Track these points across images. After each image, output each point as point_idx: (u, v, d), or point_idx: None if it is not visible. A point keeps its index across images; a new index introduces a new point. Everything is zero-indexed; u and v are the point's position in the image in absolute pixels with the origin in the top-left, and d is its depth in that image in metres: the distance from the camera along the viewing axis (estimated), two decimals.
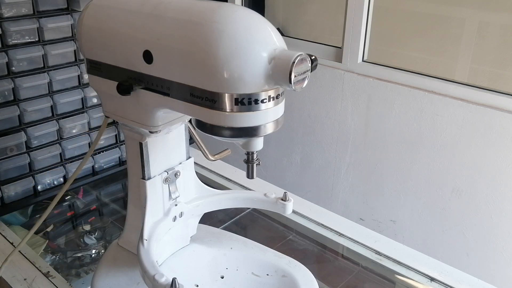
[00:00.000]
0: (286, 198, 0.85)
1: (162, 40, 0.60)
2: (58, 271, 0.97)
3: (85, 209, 1.27)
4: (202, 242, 0.88)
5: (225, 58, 0.55)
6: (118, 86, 0.62)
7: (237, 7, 0.60)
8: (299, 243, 1.13)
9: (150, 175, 0.75)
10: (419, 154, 1.76)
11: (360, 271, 1.04)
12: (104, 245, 1.12)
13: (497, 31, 1.69)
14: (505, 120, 1.53)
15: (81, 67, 1.18)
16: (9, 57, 1.06)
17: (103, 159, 1.29)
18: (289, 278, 0.84)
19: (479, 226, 1.68)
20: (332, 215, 1.15)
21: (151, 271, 0.64)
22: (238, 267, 0.86)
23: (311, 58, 0.58)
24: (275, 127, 0.62)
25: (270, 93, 0.58)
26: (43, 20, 1.09)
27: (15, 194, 1.14)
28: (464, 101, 1.61)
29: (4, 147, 1.10)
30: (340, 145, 1.98)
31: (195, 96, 0.59)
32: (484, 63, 1.74)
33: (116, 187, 1.36)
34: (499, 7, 1.66)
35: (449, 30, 1.79)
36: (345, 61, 1.90)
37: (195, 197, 0.85)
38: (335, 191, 2.07)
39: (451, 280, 0.95)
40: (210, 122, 0.60)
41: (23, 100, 1.10)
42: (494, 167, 1.59)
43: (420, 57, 1.90)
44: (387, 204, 1.91)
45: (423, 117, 1.71)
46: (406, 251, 1.03)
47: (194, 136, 0.81)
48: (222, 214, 1.18)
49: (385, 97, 1.79)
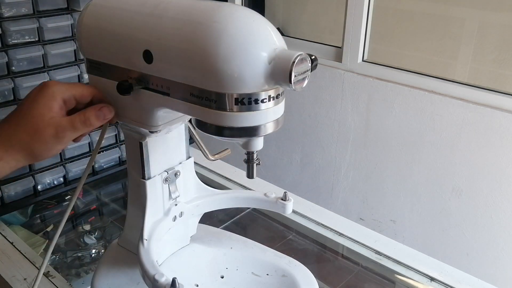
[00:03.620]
0: (286, 198, 0.85)
1: (162, 40, 0.60)
2: (58, 271, 0.97)
3: (85, 209, 1.27)
4: (202, 242, 0.88)
5: (225, 57, 0.55)
6: (118, 86, 0.62)
7: (237, 7, 0.60)
8: (299, 243, 1.13)
9: (150, 175, 0.74)
10: (419, 154, 1.76)
11: (360, 271, 1.04)
12: (104, 245, 1.12)
13: (497, 31, 1.69)
14: (505, 120, 1.53)
15: (81, 67, 1.18)
16: (9, 57, 1.06)
17: (103, 159, 1.29)
18: (289, 278, 0.84)
19: (479, 226, 1.68)
20: (332, 215, 1.15)
21: (151, 271, 0.64)
22: (238, 267, 0.86)
23: (311, 58, 0.58)
24: (275, 127, 0.62)
25: (270, 93, 0.58)
26: (43, 20, 1.09)
27: (15, 194, 1.14)
28: (464, 101, 1.61)
29: None
30: (340, 145, 1.99)
31: (195, 96, 0.59)
32: (484, 63, 1.75)
33: (116, 187, 1.36)
34: (499, 7, 1.66)
35: (449, 30, 1.79)
36: (345, 61, 1.90)
37: (195, 197, 0.85)
38: (335, 191, 2.07)
39: (451, 280, 0.95)
40: (210, 122, 0.60)
41: None
42: (494, 167, 1.59)
43: (420, 57, 1.90)
44: (387, 204, 1.91)
45: (423, 117, 1.71)
46: (406, 251, 1.03)
47: (194, 136, 0.81)
48: (222, 214, 1.18)
49: (385, 97, 1.79)
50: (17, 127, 0.58)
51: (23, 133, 0.58)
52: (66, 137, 0.60)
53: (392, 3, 1.96)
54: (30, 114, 0.58)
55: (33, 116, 0.58)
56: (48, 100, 0.59)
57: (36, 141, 0.58)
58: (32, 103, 0.59)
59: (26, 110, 0.59)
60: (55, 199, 1.22)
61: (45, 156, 0.60)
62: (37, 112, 0.58)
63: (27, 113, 0.58)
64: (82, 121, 0.60)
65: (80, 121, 0.60)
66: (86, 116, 0.61)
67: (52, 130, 0.58)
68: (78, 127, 0.60)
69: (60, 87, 0.61)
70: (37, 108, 0.58)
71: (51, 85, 0.60)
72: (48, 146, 0.59)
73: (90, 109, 0.62)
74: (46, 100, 0.59)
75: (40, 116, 0.58)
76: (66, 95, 0.60)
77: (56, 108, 0.59)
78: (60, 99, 0.60)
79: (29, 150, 0.58)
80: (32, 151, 0.58)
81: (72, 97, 0.61)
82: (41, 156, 0.59)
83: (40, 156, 0.59)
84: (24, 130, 0.58)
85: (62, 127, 0.59)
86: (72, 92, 0.61)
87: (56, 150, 0.61)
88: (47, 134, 0.58)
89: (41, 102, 0.58)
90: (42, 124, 0.58)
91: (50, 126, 0.58)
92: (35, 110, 0.58)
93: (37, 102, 0.59)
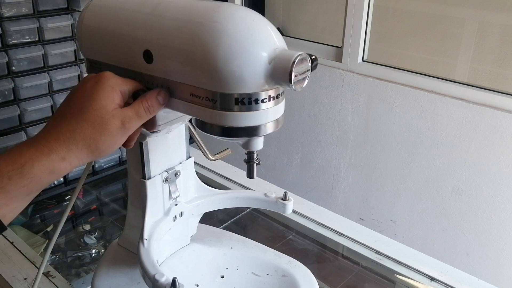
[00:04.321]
0: (286, 197, 0.85)
1: (162, 40, 0.60)
2: (58, 271, 0.97)
3: (85, 209, 1.27)
4: (202, 242, 0.88)
5: (225, 57, 0.55)
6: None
7: (238, 7, 0.60)
8: (299, 243, 1.13)
9: (150, 174, 0.75)
10: (419, 154, 1.76)
11: (360, 270, 1.04)
12: (104, 245, 1.12)
13: (497, 31, 1.69)
14: (505, 120, 1.53)
15: (81, 67, 1.18)
16: (9, 56, 1.06)
17: (103, 158, 1.29)
18: (289, 277, 0.84)
19: (479, 226, 1.68)
20: (332, 215, 1.15)
21: (151, 271, 0.64)
22: (238, 267, 0.86)
23: (311, 57, 0.58)
24: (275, 126, 0.62)
25: (270, 93, 0.58)
26: (43, 20, 1.09)
27: None
28: (464, 101, 1.61)
29: (4, 147, 1.10)
30: (340, 145, 1.99)
31: (195, 96, 0.59)
32: (484, 63, 1.75)
33: (116, 187, 1.36)
34: (499, 7, 1.66)
35: (449, 30, 1.79)
36: (345, 61, 1.90)
37: (195, 196, 0.85)
38: (335, 191, 2.07)
39: (451, 280, 0.95)
40: (210, 122, 0.60)
41: (23, 100, 1.10)
42: (494, 167, 1.59)
43: (420, 57, 1.90)
44: (387, 204, 1.91)
45: (423, 117, 1.71)
46: (406, 251, 1.03)
47: (194, 135, 0.81)
48: (222, 214, 1.18)
49: (385, 97, 1.79)
50: (79, 121, 0.54)
51: (87, 128, 0.54)
52: (132, 127, 0.57)
53: (392, 3, 1.96)
54: (91, 106, 0.54)
55: (96, 109, 0.54)
56: (109, 92, 0.56)
57: (102, 135, 0.54)
58: (92, 95, 0.55)
59: (86, 102, 0.55)
60: (55, 199, 1.22)
61: (110, 150, 0.56)
62: (100, 104, 0.55)
63: (88, 106, 0.54)
64: (146, 107, 0.58)
65: (144, 108, 0.58)
66: (149, 103, 0.58)
67: (118, 122, 0.55)
68: (143, 115, 0.58)
69: (117, 79, 0.58)
70: (98, 100, 0.55)
71: (109, 76, 0.58)
72: (115, 139, 0.56)
73: (150, 95, 0.59)
74: (107, 92, 0.55)
75: (104, 108, 0.55)
76: (122, 88, 0.58)
77: (118, 99, 0.57)
78: (119, 91, 0.57)
79: (94, 145, 0.54)
80: (97, 147, 0.55)
81: (127, 90, 0.59)
82: (106, 151, 0.56)
83: (105, 151, 0.56)
84: (88, 125, 0.54)
85: (128, 117, 0.56)
86: (127, 86, 0.59)
87: (120, 143, 0.57)
88: (114, 126, 0.55)
89: (102, 94, 0.55)
90: (107, 116, 0.55)
91: (116, 117, 0.55)
92: (97, 102, 0.55)
93: (98, 94, 0.55)
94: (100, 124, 0.54)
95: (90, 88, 0.56)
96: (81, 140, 0.54)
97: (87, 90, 0.56)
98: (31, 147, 0.52)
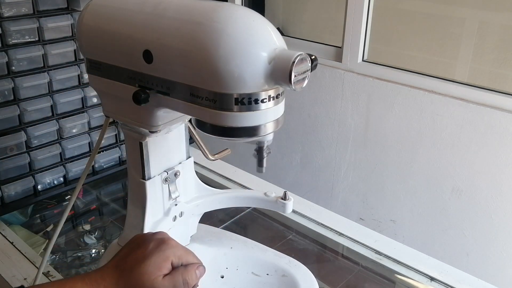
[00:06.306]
0: (286, 197, 0.85)
1: (162, 40, 0.60)
2: (58, 271, 0.97)
3: (85, 209, 1.27)
4: (202, 242, 0.88)
5: (225, 57, 0.55)
6: (135, 96, 0.62)
7: (237, 7, 0.60)
8: (299, 243, 1.13)
9: (150, 175, 0.75)
10: (419, 153, 1.76)
11: (360, 270, 1.04)
12: (104, 245, 1.12)
13: (497, 31, 1.69)
14: (505, 120, 1.53)
15: (81, 67, 1.18)
16: (9, 56, 1.06)
17: (103, 158, 1.29)
18: (289, 277, 0.84)
19: (479, 226, 1.68)
20: (332, 214, 1.15)
21: None
22: (238, 267, 0.86)
23: (311, 57, 0.58)
24: (275, 126, 0.62)
25: (270, 93, 0.58)
26: (43, 20, 1.09)
27: (15, 194, 1.14)
28: (464, 101, 1.61)
29: (4, 147, 1.10)
30: (340, 145, 1.98)
31: (195, 96, 0.59)
32: (484, 63, 1.75)
33: (116, 187, 1.36)
34: (499, 7, 1.66)
35: (449, 30, 1.79)
36: (345, 61, 1.90)
37: (195, 196, 0.85)
38: (335, 190, 2.07)
39: (451, 280, 0.95)
40: (210, 122, 0.60)
41: (23, 100, 1.10)
42: (494, 167, 1.59)
43: (420, 57, 1.90)
44: (387, 204, 1.91)
45: (423, 117, 1.71)
46: (406, 251, 1.03)
47: (194, 135, 0.81)
48: (222, 214, 1.18)
49: (385, 97, 1.79)
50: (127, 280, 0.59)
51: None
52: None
53: (392, 3, 1.96)
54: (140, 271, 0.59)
55: (142, 274, 0.59)
56: (163, 261, 0.60)
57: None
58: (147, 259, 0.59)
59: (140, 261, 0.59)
60: (55, 199, 1.22)
61: None
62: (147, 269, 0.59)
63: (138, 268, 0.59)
64: (184, 281, 0.61)
65: (183, 280, 0.61)
66: (189, 277, 0.61)
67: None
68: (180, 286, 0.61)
69: (177, 250, 0.62)
70: (148, 265, 0.59)
71: (171, 246, 0.62)
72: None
73: (190, 270, 0.62)
74: (160, 260, 0.60)
75: (147, 275, 0.59)
76: (175, 261, 0.61)
77: (165, 270, 0.60)
78: (171, 261, 0.61)
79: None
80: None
81: (180, 263, 0.62)
82: None
83: None
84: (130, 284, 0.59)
85: (164, 286, 0.59)
86: (182, 260, 0.62)
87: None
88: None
89: (154, 261, 0.59)
90: (148, 283, 0.58)
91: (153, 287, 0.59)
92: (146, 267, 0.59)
93: (150, 259, 0.59)
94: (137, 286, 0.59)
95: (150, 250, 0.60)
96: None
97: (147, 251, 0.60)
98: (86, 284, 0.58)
